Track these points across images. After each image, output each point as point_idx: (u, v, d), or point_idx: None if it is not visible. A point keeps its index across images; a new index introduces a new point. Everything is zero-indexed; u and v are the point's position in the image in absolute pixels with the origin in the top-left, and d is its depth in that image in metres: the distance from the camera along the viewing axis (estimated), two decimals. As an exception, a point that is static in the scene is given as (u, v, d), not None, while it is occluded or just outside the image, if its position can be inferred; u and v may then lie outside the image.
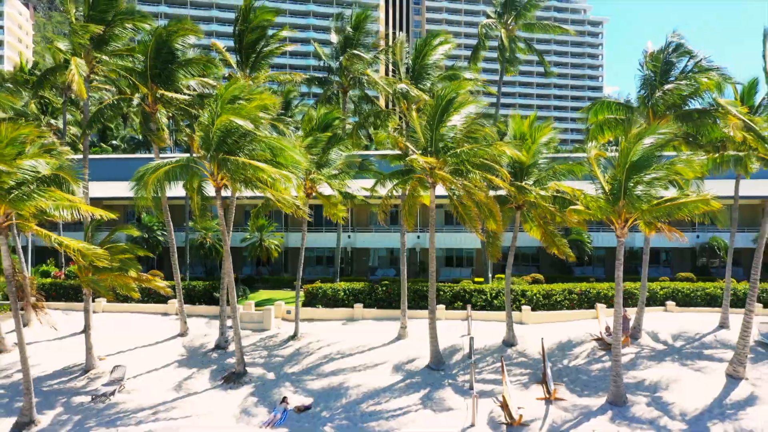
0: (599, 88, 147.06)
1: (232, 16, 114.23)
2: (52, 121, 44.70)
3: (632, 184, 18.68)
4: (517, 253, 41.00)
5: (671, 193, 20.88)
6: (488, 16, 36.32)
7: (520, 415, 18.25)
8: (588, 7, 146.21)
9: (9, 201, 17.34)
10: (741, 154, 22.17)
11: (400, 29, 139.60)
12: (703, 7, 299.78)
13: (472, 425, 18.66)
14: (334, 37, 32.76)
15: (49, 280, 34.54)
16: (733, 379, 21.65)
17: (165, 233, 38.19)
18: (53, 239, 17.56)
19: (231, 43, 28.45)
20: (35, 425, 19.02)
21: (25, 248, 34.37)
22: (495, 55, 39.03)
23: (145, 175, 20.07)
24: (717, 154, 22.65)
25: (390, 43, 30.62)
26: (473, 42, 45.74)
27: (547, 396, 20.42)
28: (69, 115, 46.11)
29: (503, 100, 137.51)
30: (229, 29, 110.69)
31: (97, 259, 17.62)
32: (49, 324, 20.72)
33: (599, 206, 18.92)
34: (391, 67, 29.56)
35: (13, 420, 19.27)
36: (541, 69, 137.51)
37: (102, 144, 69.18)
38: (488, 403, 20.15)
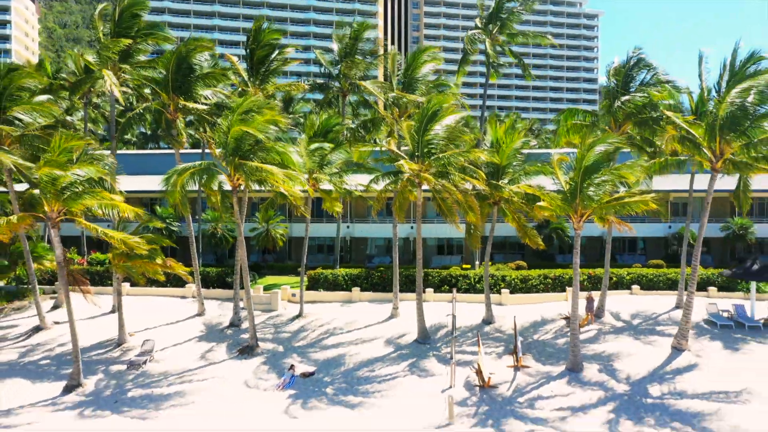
0: (594, 80, 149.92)
1: (233, 11, 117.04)
2: (69, 118, 48.00)
3: (586, 185, 22.05)
4: (503, 242, 44.62)
5: (625, 191, 24.35)
6: (476, 27, 39.37)
7: (489, 378, 21.85)
8: (583, 1, 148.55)
9: (63, 200, 20.81)
10: (683, 158, 25.63)
11: (398, 38, 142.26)
12: (700, 2, 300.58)
13: (451, 387, 22.21)
14: (334, 46, 35.97)
15: (75, 266, 38.01)
16: (677, 350, 25.14)
17: (179, 224, 41.75)
18: (99, 231, 21.00)
19: (231, 37, 31.36)
20: (82, 387, 22.60)
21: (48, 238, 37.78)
22: (484, 59, 42.13)
23: (172, 177, 23.58)
24: (662, 159, 26.00)
25: (388, 49, 33.81)
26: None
27: (516, 364, 24.01)
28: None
29: (500, 93, 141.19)
30: (231, 23, 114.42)
31: (137, 247, 21.09)
32: (93, 302, 24.24)
33: (558, 204, 22.32)
34: (388, 71, 32.67)
35: (62, 384, 22.87)
36: (537, 62, 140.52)
37: (114, 139, 72.38)
38: (466, 371, 23.72)
